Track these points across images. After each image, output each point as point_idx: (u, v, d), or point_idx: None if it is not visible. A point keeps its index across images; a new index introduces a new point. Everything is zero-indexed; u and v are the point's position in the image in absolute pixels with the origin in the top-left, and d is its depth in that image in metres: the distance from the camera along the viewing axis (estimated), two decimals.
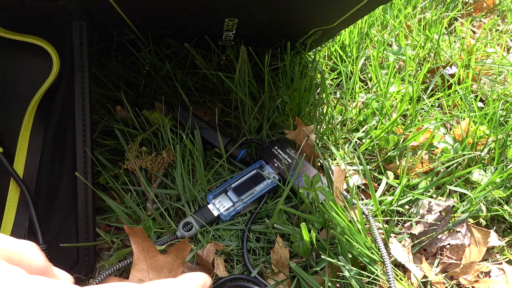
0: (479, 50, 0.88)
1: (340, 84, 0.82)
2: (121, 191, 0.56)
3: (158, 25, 0.60)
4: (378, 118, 0.70)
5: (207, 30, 0.61)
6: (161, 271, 0.48)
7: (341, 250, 0.50)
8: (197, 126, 0.64)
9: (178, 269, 0.49)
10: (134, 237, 0.48)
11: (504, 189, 0.60)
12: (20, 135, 0.50)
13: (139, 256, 0.48)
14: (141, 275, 0.47)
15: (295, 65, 0.74)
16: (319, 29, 0.63)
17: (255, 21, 0.57)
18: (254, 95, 0.70)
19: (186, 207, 0.58)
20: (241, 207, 0.58)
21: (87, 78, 0.52)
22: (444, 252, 0.56)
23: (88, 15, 0.50)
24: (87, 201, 0.52)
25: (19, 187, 0.50)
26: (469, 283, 0.53)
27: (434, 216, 0.57)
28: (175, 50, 0.70)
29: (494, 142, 0.65)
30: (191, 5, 0.50)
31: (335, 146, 0.67)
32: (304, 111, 0.69)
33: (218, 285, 0.50)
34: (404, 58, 0.83)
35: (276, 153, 0.63)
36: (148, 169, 0.60)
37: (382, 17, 0.94)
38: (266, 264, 0.55)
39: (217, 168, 0.64)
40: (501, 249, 0.58)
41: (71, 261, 0.50)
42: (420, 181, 0.63)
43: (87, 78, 0.52)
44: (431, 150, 0.67)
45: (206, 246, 0.54)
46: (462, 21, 1.03)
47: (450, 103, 0.77)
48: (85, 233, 0.51)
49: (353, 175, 0.64)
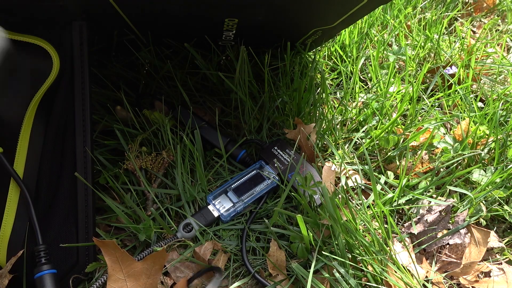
0: (479, 50, 0.88)
1: (340, 84, 0.82)
2: (121, 191, 0.56)
3: (158, 25, 0.60)
4: (378, 118, 0.70)
5: (207, 30, 0.61)
6: (139, 278, 0.48)
7: (339, 251, 0.50)
8: (197, 125, 0.64)
9: (157, 274, 0.48)
10: (106, 248, 0.47)
11: (504, 189, 0.60)
12: (20, 135, 0.50)
13: (114, 267, 0.47)
14: (118, 285, 0.47)
15: (295, 65, 0.74)
16: (319, 29, 0.63)
17: (255, 21, 0.57)
18: (254, 95, 0.70)
19: (186, 208, 0.58)
20: (241, 208, 0.58)
21: (87, 78, 0.52)
22: (443, 251, 0.56)
23: (88, 15, 0.50)
24: (87, 201, 0.52)
25: (19, 187, 0.50)
26: (469, 283, 0.53)
27: (434, 216, 0.57)
28: (175, 50, 0.70)
29: (494, 142, 0.65)
30: (191, 5, 0.50)
31: (335, 146, 0.67)
32: (304, 111, 0.69)
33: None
34: (404, 58, 0.83)
35: (276, 153, 0.63)
36: (148, 169, 0.60)
37: (382, 17, 0.94)
38: (264, 266, 0.55)
39: (217, 168, 0.64)
40: (501, 249, 0.58)
41: (71, 261, 0.50)
42: (420, 181, 0.63)
43: (87, 78, 0.52)
44: (431, 150, 0.67)
45: (204, 244, 0.54)
46: (462, 21, 1.03)
47: (450, 103, 0.77)
48: (85, 233, 0.51)
49: (352, 175, 0.64)
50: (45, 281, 0.46)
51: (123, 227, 0.56)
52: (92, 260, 0.51)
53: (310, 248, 0.54)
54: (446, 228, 0.57)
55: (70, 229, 0.51)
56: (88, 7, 0.49)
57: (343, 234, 0.50)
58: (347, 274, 0.49)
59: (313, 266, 0.49)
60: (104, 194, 0.53)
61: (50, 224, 0.51)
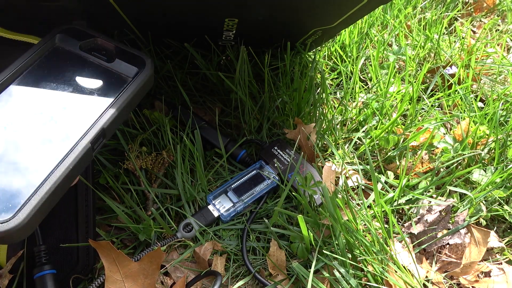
0: (479, 50, 0.88)
1: (340, 84, 0.82)
2: (121, 191, 0.56)
3: (158, 25, 0.60)
4: (378, 118, 0.70)
5: (207, 30, 0.61)
6: (136, 278, 0.48)
7: (340, 250, 0.50)
8: (197, 125, 0.64)
9: (154, 273, 0.48)
10: (102, 249, 0.47)
11: (504, 189, 0.60)
12: None
13: (111, 268, 0.47)
14: (116, 286, 0.47)
15: (295, 65, 0.74)
16: (319, 29, 0.63)
17: (255, 21, 0.57)
18: (254, 95, 0.70)
19: (186, 208, 0.58)
20: (241, 208, 0.58)
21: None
22: (443, 251, 0.56)
23: (88, 15, 0.50)
24: (87, 201, 0.52)
25: None
26: (469, 283, 0.53)
27: (434, 216, 0.57)
28: (175, 50, 0.70)
29: (494, 142, 0.65)
30: (191, 5, 0.50)
31: (335, 146, 0.67)
32: (304, 111, 0.69)
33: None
34: (404, 58, 0.83)
35: (276, 153, 0.63)
36: (148, 169, 0.60)
37: (382, 17, 0.94)
38: (265, 266, 0.55)
39: (217, 168, 0.64)
40: (501, 249, 0.58)
41: (71, 261, 0.50)
42: (420, 181, 0.63)
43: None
44: (431, 150, 0.67)
45: (204, 244, 0.54)
46: (462, 21, 1.03)
47: (450, 103, 0.77)
48: (85, 233, 0.51)
49: (353, 175, 0.64)
50: (45, 281, 0.46)
51: (123, 227, 0.56)
52: (93, 260, 0.51)
53: (310, 248, 0.54)
54: (446, 228, 0.57)
55: (70, 229, 0.51)
56: (88, 7, 0.49)
57: (344, 234, 0.50)
58: (347, 273, 0.49)
59: (313, 266, 0.49)
60: (104, 194, 0.53)
61: (50, 224, 0.50)
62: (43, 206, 0.31)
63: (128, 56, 0.42)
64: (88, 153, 0.35)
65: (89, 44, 0.42)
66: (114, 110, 0.37)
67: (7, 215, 0.30)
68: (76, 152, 0.34)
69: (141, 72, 0.41)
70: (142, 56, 0.42)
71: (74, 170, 0.34)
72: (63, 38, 0.42)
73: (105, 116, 0.37)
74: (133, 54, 0.42)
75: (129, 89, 0.39)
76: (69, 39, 0.42)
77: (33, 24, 0.49)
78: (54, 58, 0.39)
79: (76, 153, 0.34)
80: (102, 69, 0.41)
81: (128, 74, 0.41)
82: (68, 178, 0.33)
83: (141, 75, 0.40)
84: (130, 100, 0.39)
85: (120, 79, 0.40)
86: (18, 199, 0.31)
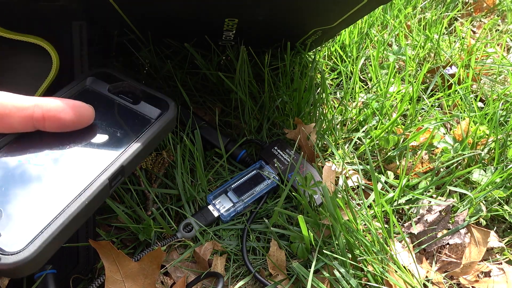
0: (479, 50, 0.88)
1: (340, 84, 0.82)
2: (121, 191, 0.56)
3: (158, 25, 0.60)
4: (378, 118, 0.70)
5: (207, 30, 0.61)
6: (137, 278, 0.48)
7: (340, 250, 0.50)
8: (197, 125, 0.64)
9: (154, 273, 0.48)
10: (102, 249, 0.47)
11: (504, 189, 0.60)
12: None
13: (111, 268, 0.47)
14: (116, 286, 0.47)
15: (295, 65, 0.74)
16: (319, 29, 0.63)
17: (255, 21, 0.57)
18: (254, 95, 0.70)
19: (186, 208, 0.58)
20: (242, 208, 0.58)
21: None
22: (443, 251, 0.56)
23: (88, 15, 0.50)
24: None
25: None
26: (469, 283, 0.53)
27: (434, 216, 0.57)
28: (175, 50, 0.70)
29: (494, 142, 0.65)
30: (191, 5, 0.50)
31: (335, 146, 0.67)
32: (304, 111, 0.69)
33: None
34: (404, 58, 0.83)
35: (276, 153, 0.63)
36: (148, 169, 0.60)
37: (382, 17, 0.94)
38: (265, 266, 0.55)
39: (217, 168, 0.64)
40: (501, 249, 0.58)
41: (71, 261, 0.50)
42: (420, 181, 0.63)
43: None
44: (431, 150, 0.67)
45: (204, 244, 0.54)
46: (462, 21, 1.03)
47: (450, 103, 0.77)
48: (85, 233, 0.51)
49: (353, 175, 0.64)
50: (45, 281, 0.46)
51: (123, 227, 0.56)
52: (93, 260, 0.51)
53: (310, 248, 0.54)
54: (446, 228, 0.57)
55: None
56: (88, 7, 0.49)
57: (344, 234, 0.50)
58: (347, 273, 0.49)
59: (313, 266, 0.49)
60: None
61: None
62: (55, 240, 0.31)
63: (153, 99, 0.43)
64: (105, 189, 0.35)
65: (118, 87, 0.44)
66: (134, 149, 0.38)
67: (18, 247, 0.29)
68: (94, 187, 0.34)
69: (164, 114, 0.42)
70: (166, 100, 0.44)
71: (89, 205, 0.34)
72: (93, 80, 0.45)
73: (125, 154, 0.37)
74: (158, 97, 0.44)
75: (151, 129, 0.41)
76: (99, 82, 0.45)
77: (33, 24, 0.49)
78: (83, 98, 0.40)
79: (93, 188, 0.34)
80: (127, 110, 0.43)
81: (151, 115, 0.42)
82: (83, 213, 0.33)
83: (164, 117, 0.42)
84: (151, 140, 0.40)
85: (144, 120, 0.42)
86: (30, 231, 0.30)
